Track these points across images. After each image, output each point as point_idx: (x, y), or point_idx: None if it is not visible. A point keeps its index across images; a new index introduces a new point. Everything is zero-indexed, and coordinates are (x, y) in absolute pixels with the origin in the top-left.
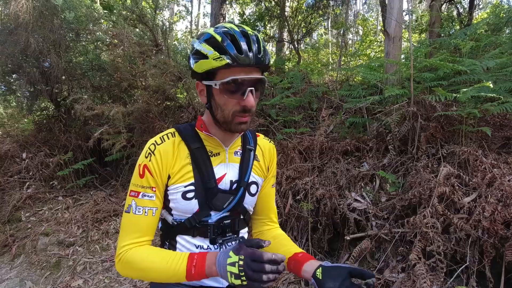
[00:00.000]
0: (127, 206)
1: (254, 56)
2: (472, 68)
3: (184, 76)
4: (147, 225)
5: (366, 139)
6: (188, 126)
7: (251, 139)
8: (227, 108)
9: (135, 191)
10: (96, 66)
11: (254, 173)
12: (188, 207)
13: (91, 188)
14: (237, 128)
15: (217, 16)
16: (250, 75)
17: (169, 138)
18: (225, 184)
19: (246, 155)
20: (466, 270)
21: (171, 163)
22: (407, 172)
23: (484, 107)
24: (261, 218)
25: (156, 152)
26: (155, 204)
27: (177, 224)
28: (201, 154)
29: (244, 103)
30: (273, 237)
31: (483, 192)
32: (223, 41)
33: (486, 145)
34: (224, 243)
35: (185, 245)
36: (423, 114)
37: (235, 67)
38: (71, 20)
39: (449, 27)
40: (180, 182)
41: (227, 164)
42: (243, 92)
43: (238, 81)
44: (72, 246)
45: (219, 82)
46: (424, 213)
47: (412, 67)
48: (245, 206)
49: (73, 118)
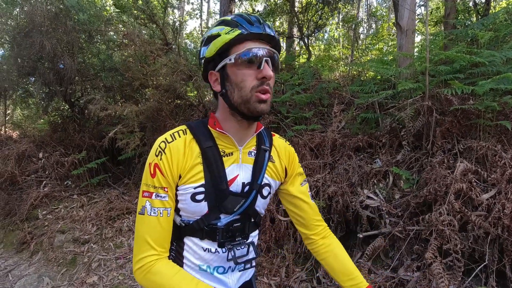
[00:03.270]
0: (141, 207)
1: (264, 27)
2: (491, 60)
3: (194, 75)
4: (163, 227)
5: (379, 135)
6: (200, 123)
7: (266, 139)
8: (245, 84)
9: (147, 191)
10: (108, 66)
11: (268, 175)
12: (197, 209)
13: (104, 187)
14: (257, 108)
15: (225, 13)
16: (262, 45)
17: (180, 136)
18: (237, 186)
19: (260, 155)
20: (485, 270)
21: (182, 162)
22: (421, 169)
23: (503, 100)
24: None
25: (166, 151)
26: (168, 205)
27: (185, 225)
28: (213, 153)
29: (261, 74)
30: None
31: (503, 189)
32: (234, 18)
33: (506, 139)
34: (234, 248)
35: (193, 247)
36: (438, 108)
37: (248, 39)
38: (84, 21)
39: (465, 18)
40: (190, 183)
41: (240, 165)
42: (259, 64)
43: (253, 51)
44: (87, 244)
45: (233, 55)
46: (440, 211)
47: (428, 59)
48: (256, 209)
49: (86, 118)
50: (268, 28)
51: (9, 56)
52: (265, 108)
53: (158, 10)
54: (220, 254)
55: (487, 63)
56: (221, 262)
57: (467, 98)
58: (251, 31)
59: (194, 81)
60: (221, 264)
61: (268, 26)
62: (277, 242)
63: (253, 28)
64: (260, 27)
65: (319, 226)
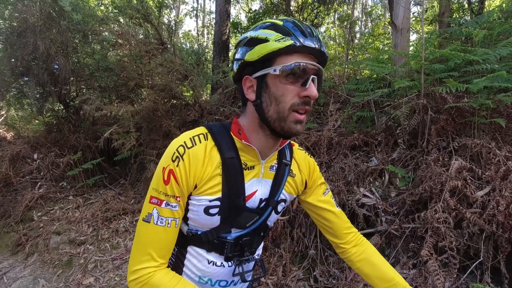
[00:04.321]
0: (146, 214)
1: (318, 42)
2: (485, 58)
3: (190, 74)
4: (169, 239)
5: (375, 134)
6: (222, 128)
7: (287, 152)
8: (285, 100)
9: (157, 198)
10: (103, 66)
11: (285, 190)
12: (208, 222)
13: (100, 187)
14: (293, 128)
15: (221, 13)
16: (311, 61)
17: (200, 141)
18: (253, 202)
19: (281, 171)
20: (480, 266)
21: (200, 171)
22: (417, 166)
23: (497, 98)
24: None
25: (185, 157)
26: (177, 214)
27: (192, 235)
28: (234, 166)
29: (306, 92)
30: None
31: (497, 186)
32: (285, 24)
33: (500, 137)
34: (241, 264)
35: (196, 257)
36: (433, 106)
37: (299, 52)
38: (78, 21)
39: (460, 17)
40: (205, 195)
41: (260, 180)
42: (304, 82)
43: (301, 67)
44: (83, 245)
45: (279, 67)
46: (436, 208)
47: (423, 58)
48: (268, 223)
49: (82, 118)
50: (320, 42)
51: (3, 57)
52: (301, 129)
53: (153, 9)
54: (226, 268)
55: (481, 61)
56: (225, 276)
57: (462, 96)
58: (304, 44)
59: (190, 81)
60: (225, 278)
61: (320, 40)
62: (274, 241)
63: (307, 40)
64: (314, 40)
65: (350, 234)
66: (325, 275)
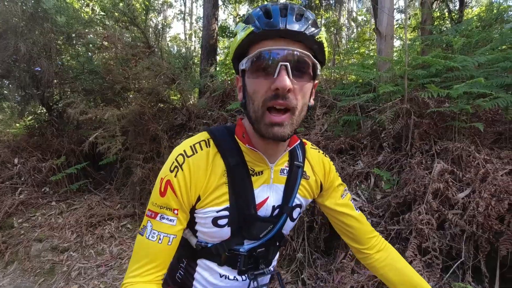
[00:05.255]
0: (142, 227)
1: (288, 21)
2: (464, 64)
3: (177, 78)
4: (160, 254)
5: (360, 137)
6: (225, 131)
7: (299, 153)
8: (257, 97)
9: (152, 210)
10: (88, 69)
11: (300, 194)
12: (218, 234)
13: (85, 193)
14: (269, 131)
15: (209, 17)
16: (282, 46)
17: (202, 148)
18: (266, 211)
19: (293, 174)
20: (462, 266)
21: (202, 181)
22: (401, 169)
23: (476, 103)
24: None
25: (185, 167)
26: (173, 231)
27: (202, 248)
28: (240, 173)
29: (274, 84)
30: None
31: (476, 188)
32: (253, 11)
33: (479, 140)
34: (256, 278)
35: (207, 271)
36: (416, 111)
37: (264, 38)
38: (62, 24)
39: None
40: (211, 206)
41: (270, 185)
42: (275, 72)
43: (266, 55)
44: (66, 252)
45: (245, 60)
46: (419, 210)
47: (406, 64)
48: (283, 232)
49: (65, 122)
50: (296, 21)
51: None
52: (280, 132)
53: (140, 13)
54: (240, 282)
55: (461, 68)
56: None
57: (443, 101)
58: (265, 27)
59: (177, 85)
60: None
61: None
62: None
63: (268, 23)
64: (281, 20)
65: (372, 239)
66: (313, 277)
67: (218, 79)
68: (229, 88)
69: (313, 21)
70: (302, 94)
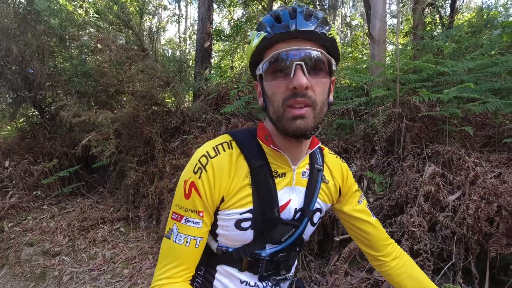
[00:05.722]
0: (168, 230)
1: (298, 22)
2: (454, 69)
3: (172, 81)
4: (188, 257)
5: (354, 141)
6: (247, 134)
7: (319, 157)
8: (276, 98)
9: (177, 213)
10: (81, 71)
11: (320, 199)
12: (240, 238)
13: (77, 196)
14: (292, 125)
15: (204, 20)
16: (295, 46)
17: (224, 150)
18: (288, 213)
19: (314, 176)
20: (453, 267)
21: (226, 182)
22: (393, 172)
23: (466, 107)
24: (377, 250)
25: (208, 168)
26: (200, 233)
27: (223, 253)
28: (264, 174)
29: (291, 83)
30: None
31: (466, 190)
32: (264, 18)
33: (469, 144)
34: (279, 283)
35: (227, 277)
36: (408, 114)
37: (277, 42)
38: (55, 26)
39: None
40: (235, 208)
41: (293, 187)
42: (291, 72)
43: (280, 57)
44: (58, 256)
45: (261, 64)
46: (411, 212)
47: (398, 68)
48: (303, 237)
49: (58, 124)
50: (306, 20)
51: None
52: (302, 125)
53: (134, 15)
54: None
55: (451, 73)
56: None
57: (434, 105)
58: (276, 31)
59: (172, 88)
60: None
61: (307, 18)
62: None
63: (279, 26)
64: (291, 22)
65: (388, 246)
66: (307, 280)
67: (213, 82)
68: (223, 92)
69: (322, 19)
70: (320, 90)
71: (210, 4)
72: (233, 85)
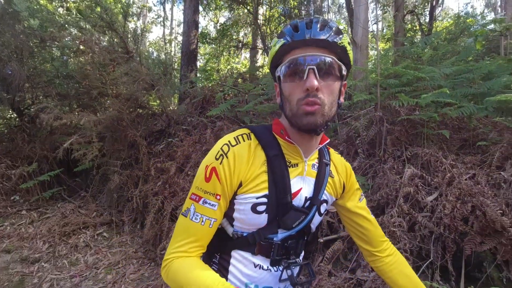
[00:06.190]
0: (185, 208)
1: (313, 32)
2: (431, 75)
3: (157, 84)
4: (202, 235)
5: (337, 143)
6: (264, 128)
7: (327, 153)
8: (293, 98)
9: (196, 194)
10: (63, 73)
11: (327, 191)
12: (256, 221)
13: (58, 201)
14: (304, 121)
15: (189, 23)
16: (309, 53)
17: (244, 140)
18: (299, 201)
19: (322, 169)
20: (431, 266)
21: (245, 169)
22: (375, 174)
23: (443, 111)
24: (373, 245)
25: (229, 154)
26: (215, 215)
27: (238, 237)
28: (279, 163)
29: (305, 85)
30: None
31: (443, 191)
32: (284, 28)
33: (446, 146)
34: (290, 266)
35: (242, 262)
36: (389, 118)
37: (297, 47)
38: (35, 27)
39: (412, 36)
40: (252, 192)
41: (304, 177)
42: (305, 75)
43: (294, 61)
44: (38, 263)
45: (280, 68)
46: (391, 213)
47: (379, 74)
48: (311, 226)
49: (38, 127)
50: (320, 30)
51: None
52: (312, 120)
53: (118, 17)
54: (272, 273)
55: (428, 78)
56: (271, 282)
57: (414, 109)
58: (294, 39)
59: (157, 91)
60: (271, 284)
61: (321, 28)
62: None
63: (297, 35)
64: (307, 32)
65: (384, 242)
66: None
67: (198, 85)
68: (209, 95)
69: (336, 29)
70: (330, 92)
71: (196, 7)
72: (219, 88)
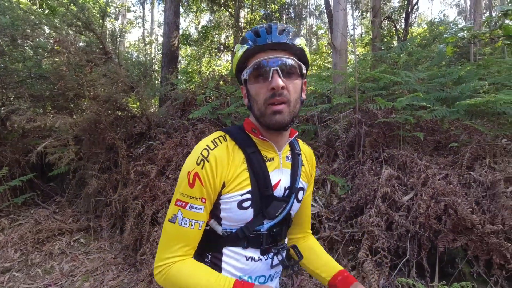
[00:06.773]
0: (172, 215)
1: (273, 37)
2: (406, 80)
3: (136, 86)
4: (193, 238)
5: (318, 146)
6: (237, 129)
7: (296, 144)
8: (259, 98)
9: (182, 200)
10: (36, 73)
11: (302, 179)
12: (242, 217)
13: (31, 206)
14: (272, 119)
15: (170, 24)
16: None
17: (221, 142)
18: (280, 191)
19: (295, 160)
20: (407, 263)
21: (226, 169)
22: (354, 176)
23: (417, 114)
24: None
25: (210, 158)
26: (202, 217)
27: (228, 235)
28: (257, 159)
29: (270, 85)
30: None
31: (418, 191)
32: (246, 34)
33: (420, 148)
34: (280, 252)
35: (234, 257)
36: (367, 121)
37: (261, 51)
38: (6, 25)
39: (389, 42)
40: (236, 191)
41: (281, 169)
42: (269, 76)
43: (260, 64)
44: (9, 272)
45: (245, 71)
46: (370, 213)
47: (356, 77)
48: (291, 213)
49: (9, 130)
50: (279, 35)
51: None
52: (281, 119)
53: (96, 17)
54: (263, 262)
55: (403, 82)
56: (263, 271)
57: (391, 112)
58: (256, 44)
59: (136, 93)
60: (263, 273)
61: (281, 33)
62: None
63: (259, 40)
64: (267, 37)
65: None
66: None
67: (179, 87)
68: (190, 97)
69: (293, 33)
70: (294, 90)
71: (176, 8)
72: (200, 90)
